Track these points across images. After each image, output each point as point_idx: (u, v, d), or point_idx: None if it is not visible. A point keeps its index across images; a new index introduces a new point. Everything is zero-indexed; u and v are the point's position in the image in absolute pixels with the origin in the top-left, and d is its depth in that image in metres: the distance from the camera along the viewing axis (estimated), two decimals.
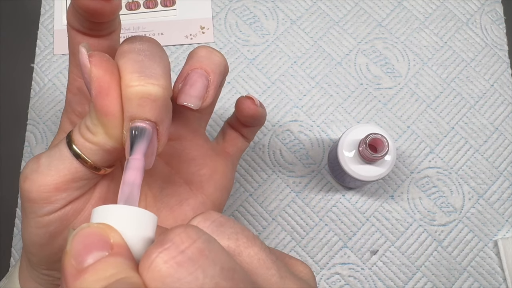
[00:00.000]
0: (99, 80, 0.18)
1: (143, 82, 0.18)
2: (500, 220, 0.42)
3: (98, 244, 0.14)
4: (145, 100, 0.18)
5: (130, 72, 0.18)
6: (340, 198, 0.42)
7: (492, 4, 0.47)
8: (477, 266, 0.40)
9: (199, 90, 0.22)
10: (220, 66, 0.23)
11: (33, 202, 0.19)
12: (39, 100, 0.44)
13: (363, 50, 0.45)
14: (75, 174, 0.19)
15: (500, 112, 0.44)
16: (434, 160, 0.43)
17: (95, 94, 0.18)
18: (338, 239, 0.41)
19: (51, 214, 0.20)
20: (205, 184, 0.26)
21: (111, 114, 0.18)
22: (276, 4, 0.46)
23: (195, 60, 0.22)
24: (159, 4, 0.46)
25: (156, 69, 0.18)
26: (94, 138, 0.19)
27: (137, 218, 0.16)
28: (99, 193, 0.21)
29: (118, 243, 0.15)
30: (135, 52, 0.19)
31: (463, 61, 0.45)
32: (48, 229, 0.20)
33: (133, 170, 0.17)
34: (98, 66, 0.18)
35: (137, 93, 0.18)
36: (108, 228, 0.15)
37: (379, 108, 0.44)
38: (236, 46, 0.45)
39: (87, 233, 0.14)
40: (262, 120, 0.29)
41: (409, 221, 0.41)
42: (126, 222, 0.15)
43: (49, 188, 0.19)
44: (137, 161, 0.17)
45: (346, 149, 0.36)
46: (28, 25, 0.46)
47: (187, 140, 0.26)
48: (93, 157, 0.19)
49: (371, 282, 0.40)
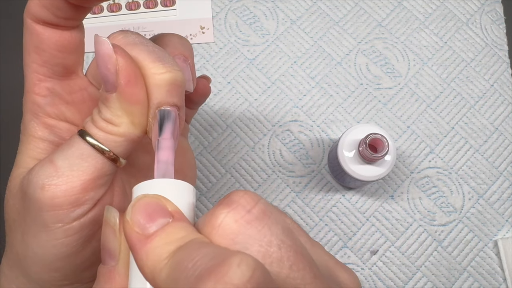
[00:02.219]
0: (127, 69, 0.18)
1: (169, 69, 0.18)
2: (500, 220, 0.42)
3: (160, 212, 0.15)
4: (174, 86, 0.18)
5: (152, 61, 0.18)
6: (340, 198, 0.42)
7: (492, 4, 0.47)
8: (477, 266, 0.40)
9: (188, 74, 0.22)
10: (191, 50, 0.24)
11: (60, 209, 0.18)
12: None
13: (363, 50, 0.45)
14: (101, 170, 0.19)
15: (500, 112, 0.44)
16: (434, 160, 0.43)
17: (125, 83, 0.18)
18: (338, 239, 0.41)
19: (83, 217, 0.19)
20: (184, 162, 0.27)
21: (140, 102, 0.18)
22: (276, 4, 0.46)
23: (173, 47, 0.22)
24: (159, 4, 0.46)
25: (169, 57, 0.19)
26: (119, 130, 0.19)
27: (179, 188, 0.17)
28: (118, 187, 0.22)
29: (176, 210, 0.15)
30: (141, 44, 0.19)
31: (463, 61, 0.45)
32: (82, 234, 0.19)
33: (165, 149, 0.18)
34: (124, 55, 0.18)
35: (167, 79, 0.18)
36: (163, 198, 0.16)
37: (379, 108, 0.44)
38: (236, 46, 0.45)
39: (145, 202, 0.15)
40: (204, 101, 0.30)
41: (409, 221, 0.41)
42: (171, 193, 0.16)
43: (76, 189, 0.18)
44: (168, 140, 0.18)
45: (346, 149, 0.36)
46: None
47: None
48: (117, 149, 0.19)
49: (371, 282, 0.40)
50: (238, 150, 0.43)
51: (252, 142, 0.43)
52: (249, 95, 0.44)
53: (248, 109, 0.44)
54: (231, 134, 0.43)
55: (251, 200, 0.15)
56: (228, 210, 0.14)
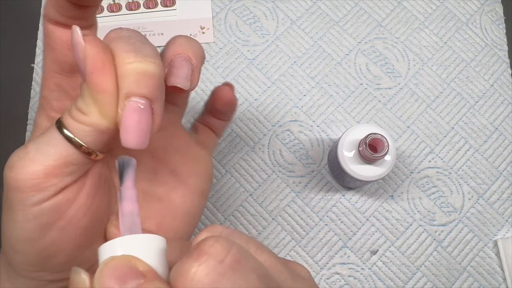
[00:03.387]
0: (94, 57, 0.18)
1: (140, 59, 0.18)
2: (500, 220, 0.42)
3: (131, 273, 0.14)
4: (143, 76, 0.18)
5: (126, 51, 0.18)
6: (340, 198, 0.42)
7: (492, 4, 0.47)
8: (477, 266, 0.41)
9: (186, 72, 0.22)
10: (200, 52, 0.23)
11: (21, 191, 0.18)
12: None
13: (363, 50, 0.45)
14: (67, 158, 0.19)
15: (500, 112, 0.44)
16: (434, 160, 0.43)
17: (90, 71, 0.18)
18: (338, 239, 0.41)
19: (42, 203, 0.19)
20: (191, 174, 0.26)
21: (106, 91, 0.18)
22: (276, 4, 0.46)
23: (177, 46, 0.22)
24: (159, 4, 0.46)
25: (150, 50, 0.19)
26: (87, 119, 0.18)
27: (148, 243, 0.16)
28: (91, 181, 0.21)
29: (148, 269, 0.15)
30: (125, 37, 0.19)
31: (463, 61, 0.45)
32: (40, 220, 0.19)
33: (129, 200, 0.17)
34: (93, 44, 0.18)
35: (135, 69, 0.18)
36: (133, 258, 0.15)
37: (379, 108, 0.44)
38: (236, 46, 0.45)
39: (114, 265, 0.14)
40: (234, 111, 0.29)
41: (409, 221, 0.41)
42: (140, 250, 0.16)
43: (38, 174, 0.18)
44: (130, 190, 0.18)
45: (346, 149, 0.36)
46: (28, 25, 0.46)
47: (169, 131, 0.26)
48: (86, 139, 0.19)
49: (371, 282, 0.40)
50: (238, 150, 0.43)
51: (252, 142, 0.43)
52: (249, 95, 0.44)
53: (248, 109, 0.44)
54: (231, 134, 0.43)
55: (222, 249, 0.14)
56: (199, 263, 0.13)
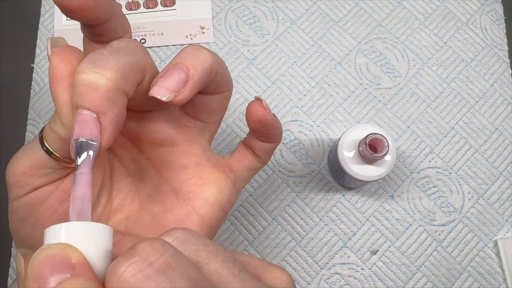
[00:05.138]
0: (54, 68, 0.18)
1: (87, 70, 0.17)
2: (500, 220, 0.42)
3: (60, 265, 0.14)
4: (86, 88, 0.17)
5: (83, 62, 0.18)
6: (340, 198, 0.42)
7: (492, 4, 0.47)
8: (477, 266, 0.40)
9: (171, 83, 0.21)
10: (204, 62, 0.22)
11: (8, 185, 0.21)
12: (39, 100, 0.44)
13: (363, 50, 0.45)
14: (40, 161, 0.20)
15: (500, 112, 0.44)
16: (434, 160, 0.43)
17: (50, 81, 0.19)
18: (338, 239, 0.41)
19: (18, 199, 0.21)
20: (194, 195, 0.24)
21: (61, 101, 0.18)
22: (276, 4, 0.46)
23: (179, 56, 0.22)
24: (159, 4, 0.46)
25: (111, 61, 0.18)
26: (54, 126, 0.19)
27: (94, 232, 0.16)
28: (65, 186, 0.22)
29: (79, 262, 0.14)
30: (106, 47, 0.19)
31: (463, 61, 0.45)
32: (17, 214, 0.21)
33: (81, 185, 0.17)
34: (57, 55, 0.19)
35: (80, 80, 0.17)
36: (69, 248, 0.15)
37: (379, 108, 0.44)
38: (236, 46, 0.45)
39: (47, 254, 0.14)
40: (275, 133, 0.25)
41: (409, 221, 0.41)
42: (83, 238, 0.15)
43: (18, 172, 0.20)
44: (84, 175, 0.17)
45: (346, 149, 0.36)
46: (28, 25, 0.46)
47: (181, 147, 0.24)
48: (54, 146, 0.20)
49: (371, 282, 0.40)
50: None
51: None
52: (249, 95, 0.44)
53: None
54: (231, 134, 0.43)
55: (155, 252, 0.14)
56: (128, 263, 0.13)
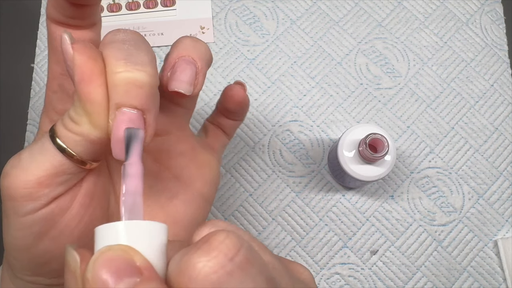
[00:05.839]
0: (82, 66, 0.17)
1: (129, 68, 0.17)
2: (500, 220, 0.42)
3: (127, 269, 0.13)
4: (132, 86, 0.17)
5: (115, 59, 0.17)
6: (340, 198, 0.42)
7: (492, 4, 0.47)
8: (477, 266, 0.40)
9: (189, 76, 0.21)
10: (206, 55, 0.22)
11: (14, 200, 0.18)
12: (39, 100, 0.44)
13: (363, 50, 0.45)
14: (59, 168, 0.18)
15: (500, 112, 0.44)
16: (434, 160, 0.43)
17: (78, 80, 0.17)
18: (338, 239, 0.41)
19: (35, 212, 0.18)
20: (195, 178, 0.26)
21: (95, 101, 0.17)
22: (276, 4, 0.46)
23: (182, 49, 0.22)
24: (159, 4, 0.46)
25: (143, 56, 0.18)
26: (78, 128, 0.18)
27: (152, 232, 0.15)
28: (85, 190, 0.20)
29: (145, 265, 0.14)
30: (119, 41, 0.18)
31: (463, 61, 0.45)
32: (32, 230, 0.19)
33: (133, 177, 0.16)
34: (81, 52, 0.17)
35: (124, 79, 0.17)
36: (131, 250, 0.14)
37: (379, 108, 0.44)
38: (236, 46, 0.45)
39: (110, 257, 0.13)
40: (246, 111, 0.29)
41: (409, 221, 0.41)
42: (142, 238, 0.14)
43: (30, 183, 0.18)
44: (135, 166, 0.16)
45: (346, 149, 0.36)
46: (28, 25, 0.46)
47: (175, 135, 0.25)
48: (77, 149, 0.18)
49: (371, 282, 0.40)
50: (238, 150, 0.43)
51: (252, 142, 0.43)
52: (249, 95, 0.44)
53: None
54: None
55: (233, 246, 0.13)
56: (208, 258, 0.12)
